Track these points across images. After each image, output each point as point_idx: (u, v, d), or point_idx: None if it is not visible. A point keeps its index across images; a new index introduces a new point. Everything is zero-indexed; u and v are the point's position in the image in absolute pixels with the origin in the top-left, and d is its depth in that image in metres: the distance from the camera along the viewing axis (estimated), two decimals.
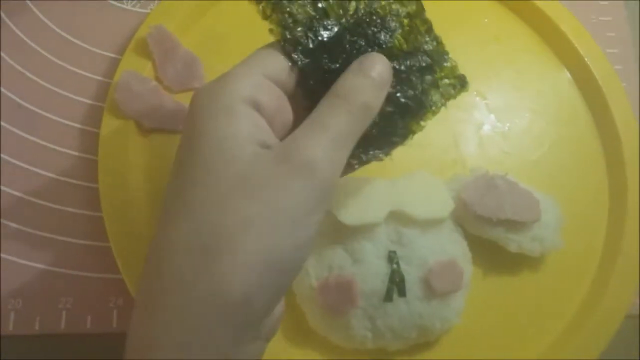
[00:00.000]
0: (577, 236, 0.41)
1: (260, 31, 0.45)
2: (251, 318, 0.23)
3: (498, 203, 0.38)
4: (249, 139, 0.23)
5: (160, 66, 0.42)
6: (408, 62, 0.28)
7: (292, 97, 0.27)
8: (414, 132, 0.29)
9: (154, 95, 0.41)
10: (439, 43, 0.29)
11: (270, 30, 0.27)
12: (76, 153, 0.41)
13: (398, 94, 0.28)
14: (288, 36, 0.26)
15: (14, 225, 0.39)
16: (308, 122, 0.24)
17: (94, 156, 0.40)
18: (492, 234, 0.38)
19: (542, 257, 0.40)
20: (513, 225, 0.38)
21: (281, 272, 0.23)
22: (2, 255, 0.38)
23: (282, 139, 0.25)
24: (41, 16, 0.45)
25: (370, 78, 0.25)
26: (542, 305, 0.40)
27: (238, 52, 0.44)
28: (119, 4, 0.46)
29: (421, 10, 0.28)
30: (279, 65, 0.26)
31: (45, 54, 0.44)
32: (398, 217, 0.36)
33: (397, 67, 0.28)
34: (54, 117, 0.42)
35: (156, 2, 0.46)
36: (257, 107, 0.24)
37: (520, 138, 0.44)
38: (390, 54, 0.27)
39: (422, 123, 0.29)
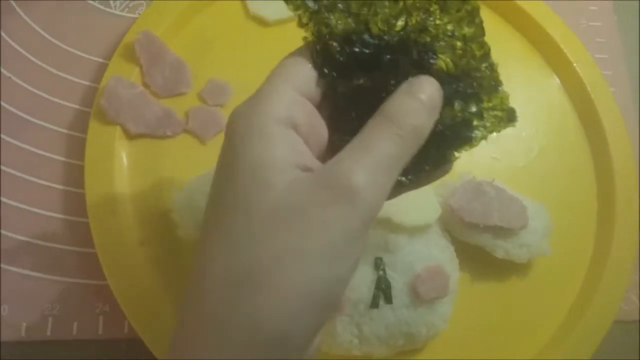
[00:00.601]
0: (565, 242, 0.41)
1: (248, 36, 0.46)
2: (290, 354, 0.22)
3: (485, 209, 0.38)
4: (287, 164, 0.22)
5: (147, 71, 0.42)
6: (453, 87, 0.25)
7: (319, 110, 0.25)
8: (447, 161, 0.26)
9: (140, 100, 0.41)
10: (494, 70, 0.26)
11: (304, 39, 0.25)
12: (62, 158, 0.41)
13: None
14: (321, 48, 0.24)
15: None
16: (352, 144, 0.23)
17: (81, 162, 0.40)
18: (479, 240, 0.38)
19: (530, 263, 0.40)
20: (500, 231, 0.38)
21: (321, 305, 0.22)
22: None
23: (318, 157, 0.24)
24: (28, 20, 0.45)
25: (420, 100, 0.24)
26: (529, 311, 0.40)
27: (226, 57, 0.45)
28: (107, 9, 0.46)
29: (481, 33, 0.25)
30: (308, 76, 0.24)
31: (33, 58, 0.44)
32: (385, 224, 0.36)
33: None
34: (40, 122, 0.42)
35: (144, 7, 0.46)
36: (294, 126, 0.23)
37: (509, 144, 0.44)
38: (434, 77, 0.25)
39: (457, 154, 0.26)
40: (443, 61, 0.25)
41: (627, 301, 0.42)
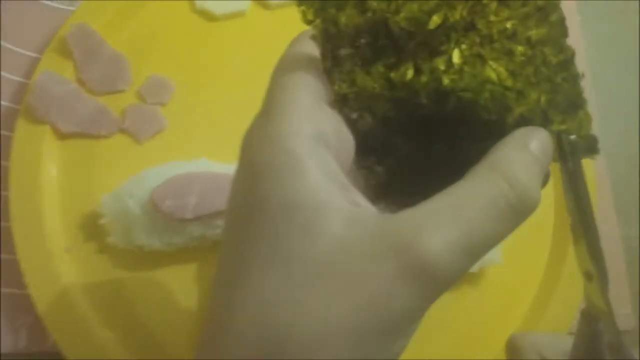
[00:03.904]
0: (519, 250, 0.39)
1: (193, 31, 0.43)
2: None
3: None
4: (331, 201, 0.17)
5: (83, 67, 0.39)
6: (505, 103, 0.20)
7: None
8: None
9: (73, 97, 0.38)
10: (575, 84, 0.20)
11: (313, 37, 0.20)
12: None
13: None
14: (331, 50, 0.20)
15: None
16: (438, 200, 0.18)
17: (7, 162, 0.37)
18: None
19: (481, 272, 0.38)
20: None
21: None
22: None
23: (348, 172, 0.20)
24: None
25: (529, 152, 0.19)
26: (481, 321, 0.39)
27: (169, 53, 0.42)
28: (44, 0, 0.43)
29: (559, 34, 0.20)
30: (320, 77, 0.20)
31: None
32: None
33: (488, 106, 0.20)
34: None
35: None
36: (325, 142, 0.18)
37: None
38: (480, 89, 0.20)
39: None
40: (493, 70, 0.20)
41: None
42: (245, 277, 0.18)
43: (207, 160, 0.37)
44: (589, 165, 0.42)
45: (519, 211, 0.19)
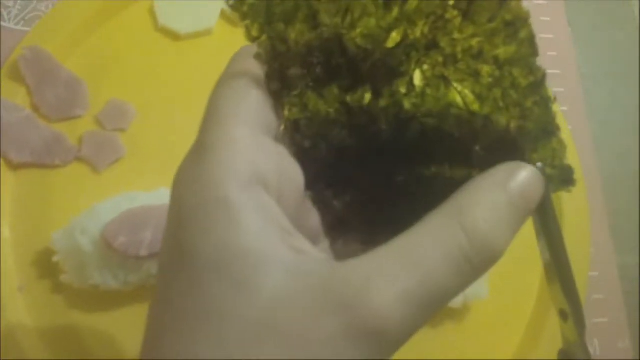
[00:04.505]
0: (508, 284, 0.37)
1: (156, 51, 0.41)
2: None
3: None
4: (268, 252, 0.16)
5: (37, 92, 0.37)
6: (473, 129, 0.18)
7: None
8: None
9: (26, 125, 0.36)
10: (547, 109, 0.18)
11: (257, 56, 0.18)
12: None
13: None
14: (277, 70, 0.18)
15: None
16: (390, 248, 0.16)
17: None
18: None
19: (466, 307, 0.36)
20: None
21: None
22: None
23: (296, 210, 0.18)
24: None
25: (505, 194, 0.17)
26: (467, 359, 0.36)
27: (130, 75, 0.40)
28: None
29: (530, 54, 0.18)
30: (262, 103, 0.18)
31: None
32: None
33: (454, 134, 0.18)
34: None
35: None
36: (263, 183, 0.17)
37: None
38: (444, 114, 0.18)
39: None
40: (459, 93, 0.18)
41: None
42: (177, 333, 0.16)
43: (167, 190, 0.35)
44: (581, 188, 0.39)
45: (476, 265, 0.16)
